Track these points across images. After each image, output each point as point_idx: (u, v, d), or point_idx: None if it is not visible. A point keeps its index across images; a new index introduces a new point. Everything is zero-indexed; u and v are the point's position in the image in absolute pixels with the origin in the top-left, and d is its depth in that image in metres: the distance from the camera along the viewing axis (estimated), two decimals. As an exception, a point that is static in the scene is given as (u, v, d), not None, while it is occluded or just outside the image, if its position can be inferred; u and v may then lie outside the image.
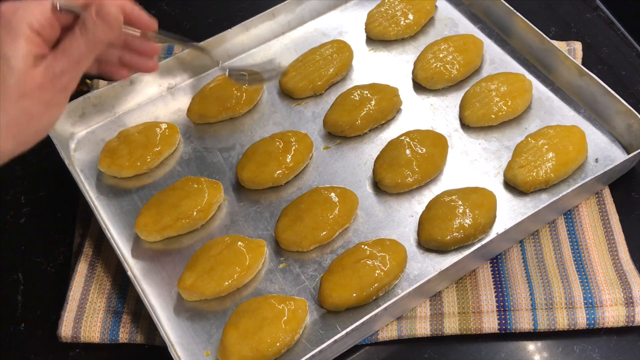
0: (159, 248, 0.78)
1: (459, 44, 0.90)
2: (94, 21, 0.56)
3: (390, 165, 0.79)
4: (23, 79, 0.54)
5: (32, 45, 0.54)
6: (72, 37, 0.56)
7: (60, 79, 0.56)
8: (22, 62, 0.53)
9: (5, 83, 0.53)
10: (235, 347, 0.67)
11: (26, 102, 0.54)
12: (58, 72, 0.55)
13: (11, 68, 0.53)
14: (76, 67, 0.57)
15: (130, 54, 0.66)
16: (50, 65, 0.55)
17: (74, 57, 0.56)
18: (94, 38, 0.56)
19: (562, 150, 0.78)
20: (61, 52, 0.56)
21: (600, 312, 0.69)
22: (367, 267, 0.71)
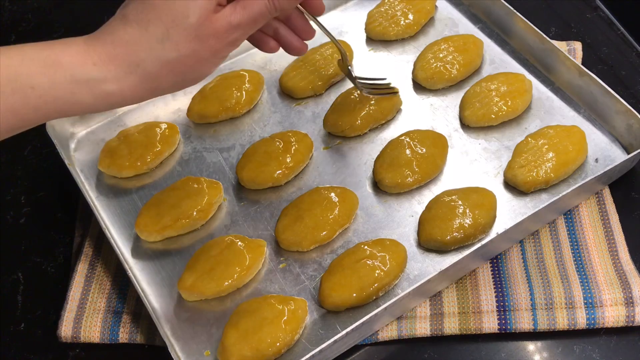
0: (159, 248, 0.78)
1: (459, 44, 0.90)
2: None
3: (391, 165, 0.79)
4: (202, 20, 0.53)
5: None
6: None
7: (235, 31, 0.56)
8: (207, 2, 0.53)
9: (185, 20, 0.53)
10: (235, 347, 0.67)
11: (198, 44, 0.54)
12: (235, 24, 0.55)
13: (196, 5, 0.53)
14: (251, 25, 0.57)
15: (286, 29, 0.66)
16: (229, 15, 0.55)
17: (252, 15, 0.56)
18: (277, 2, 0.57)
19: (562, 150, 0.78)
20: (242, 6, 0.56)
21: (600, 312, 0.69)
22: (367, 267, 0.71)
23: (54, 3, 1.09)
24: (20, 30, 1.06)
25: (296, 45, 0.67)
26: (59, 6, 1.09)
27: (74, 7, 1.08)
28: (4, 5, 1.09)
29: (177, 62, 0.54)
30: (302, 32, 0.67)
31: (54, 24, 1.06)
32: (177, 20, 0.53)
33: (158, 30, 0.53)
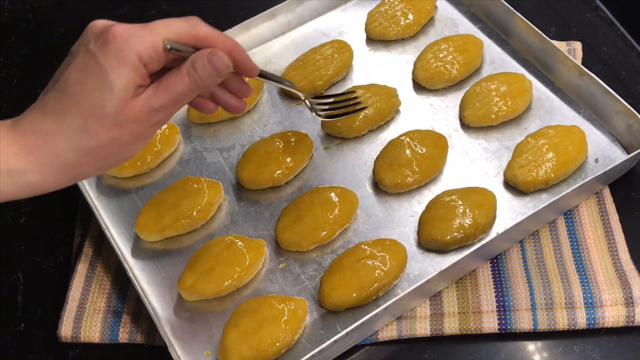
0: (159, 248, 0.78)
1: (459, 44, 0.90)
2: (205, 65, 0.55)
3: (391, 165, 0.79)
4: (121, 108, 0.52)
5: (136, 76, 0.53)
6: (177, 75, 0.55)
7: (156, 114, 0.55)
8: (124, 91, 0.52)
9: (103, 109, 0.52)
10: (235, 347, 0.67)
11: (119, 131, 0.53)
12: (156, 107, 0.54)
13: (113, 95, 0.52)
14: (174, 105, 0.56)
15: (223, 91, 0.64)
16: (149, 99, 0.54)
17: (175, 95, 0.55)
18: (199, 81, 0.55)
19: (562, 150, 0.78)
20: (164, 88, 0.55)
21: (600, 312, 0.69)
22: (367, 267, 0.71)
23: (54, 3, 1.09)
24: (20, 30, 1.06)
25: (235, 105, 0.64)
26: (59, 6, 1.09)
27: (74, 7, 1.09)
28: (4, 5, 1.09)
29: (97, 150, 0.53)
30: (239, 92, 0.64)
31: (54, 24, 1.06)
32: (94, 111, 0.52)
33: (75, 120, 0.52)
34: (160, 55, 0.54)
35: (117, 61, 0.52)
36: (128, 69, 0.52)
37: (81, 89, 0.52)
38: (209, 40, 0.57)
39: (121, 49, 0.52)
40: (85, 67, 0.52)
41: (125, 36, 0.52)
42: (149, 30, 0.54)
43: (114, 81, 0.52)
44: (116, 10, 1.06)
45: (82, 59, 0.53)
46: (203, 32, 0.57)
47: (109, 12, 1.06)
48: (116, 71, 0.52)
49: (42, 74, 0.99)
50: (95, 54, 0.52)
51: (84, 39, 0.54)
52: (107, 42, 0.52)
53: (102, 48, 0.52)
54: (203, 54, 0.56)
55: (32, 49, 1.03)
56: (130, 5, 1.07)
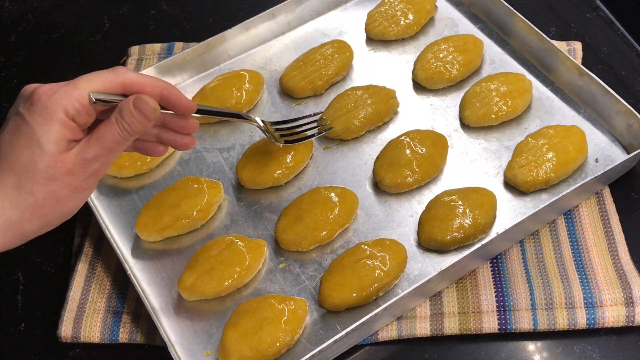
0: (159, 248, 0.78)
1: (459, 44, 0.90)
2: (131, 112, 0.56)
3: (391, 165, 0.79)
4: (53, 163, 0.53)
5: (66, 130, 0.54)
6: (107, 125, 0.56)
7: (91, 165, 0.55)
8: (54, 146, 0.53)
9: (35, 166, 0.53)
10: (235, 347, 0.67)
11: (54, 185, 0.54)
12: (89, 158, 0.55)
13: (43, 151, 0.53)
14: (108, 155, 0.56)
15: (167, 131, 0.64)
16: (82, 151, 0.55)
17: (107, 145, 0.56)
18: (129, 128, 0.56)
19: (562, 150, 0.78)
20: (95, 139, 0.55)
21: (600, 312, 0.69)
22: (367, 267, 0.71)
23: (54, 3, 1.09)
24: (20, 30, 1.06)
25: (183, 142, 0.64)
26: (59, 6, 1.09)
27: (74, 7, 1.08)
28: (4, 5, 1.09)
29: (35, 206, 0.54)
30: (183, 129, 0.64)
31: (54, 24, 1.06)
32: (26, 168, 0.53)
33: (11, 179, 0.53)
34: (87, 109, 0.55)
35: (44, 118, 0.53)
36: (55, 124, 0.53)
37: (12, 149, 0.53)
38: (135, 86, 0.58)
39: (46, 106, 0.53)
40: (16, 129, 0.54)
41: (49, 94, 0.54)
42: (73, 86, 0.55)
43: (42, 137, 0.53)
44: (116, 10, 1.06)
45: (13, 121, 0.54)
46: (130, 79, 0.57)
47: (109, 12, 1.06)
48: (43, 128, 0.53)
49: (42, 74, 1.00)
50: (23, 115, 0.54)
51: (16, 103, 0.56)
52: (33, 102, 0.54)
53: (29, 108, 0.54)
54: (128, 101, 0.56)
55: (32, 49, 1.03)
56: (130, 5, 1.07)
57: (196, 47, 0.92)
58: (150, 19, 1.05)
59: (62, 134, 0.54)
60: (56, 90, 0.54)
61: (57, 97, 0.54)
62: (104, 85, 0.56)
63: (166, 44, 0.98)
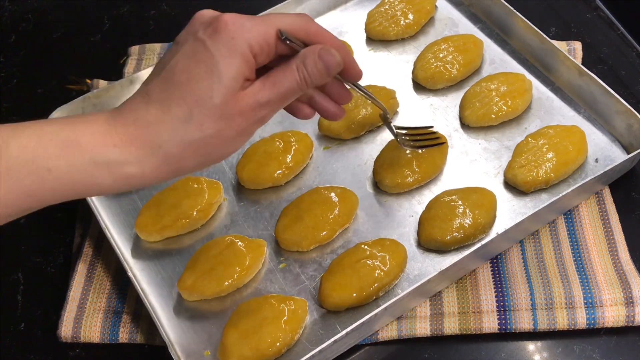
0: (159, 248, 0.78)
1: (459, 44, 0.90)
2: (316, 62, 0.53)
3: (390, 165, 0.79)
4: (228, 99, 0.50)
5: (246, 67, 0.51)
6: (286, 71, 0.53)
7: (262, 109, 0.52)
8: (232, 81, 0.50)
9: (210, 100, 0.50)
10: (235, 347, 0.67)
11: (224, 124, 0.51)
12: (263, 102, 0.52)
13: (221, 85, 0.50)
14: (280, 102, 0.53)
15: (321, 95, 0.60)
16: (257, 92, 0.52)
17: (282, 91, 0.53)
18: (309, 78, 0.53)
19: (562, 150, 0.78)
20: (271, 83, 0.52)
21: (600, 312, 0.69)
22: (367, 267, 0.71)
23: (54, 3, 1.09)
24: (20, 30, 1.06)
25: (333, 111, 0.61)
26: (59, 6, 1.09)
27: (74, 7, 1.08)
28: (4, 5, 1.09)
29: (201, 142, 0.51)
30: (339, 97, 0.61)
31: (54, 24, 1.06)
32: (201, 101, 0.50)
33: (181, 110, 0.50)
34: (270, 47, 0.52)
35: (228, 50, 0.50)
36: (238, 59, 0.50)
37: (189, 77, 0.50)
38: (319, 37, 0.55)
39: (233, 37, 0.50)
40: (193, 55, 0.50)
41: (238, 25, 0.50)
42: (262, 21, 0.52)
43: (224, 71, 0.50)
44: (116, 10, 1.06)
45: (190, 46, 0.51)
46: (314, 28, 0.55)
47: (109, 12, 1.06)
48: (226, 60, 0.50)
49: (42, 74, 1.00)
50: (205, 41, 0.50)
51: (191, 28, 0.52)
52: (218, 30, 0.50)
53: (212, 36, 0.50)
54: (314, 50, 0.53)
55: (32, 49, 1.03)
56: (130, 5, 1.07)
57: (196, 47, 0.92)
58: (150, 19, 1.05)
59: (242, 70, 0.50)
60: (243, 23, 0.51)
61: (245, 30, 0.50)
62: (291, 27, 0.53)
63: (166, 44, 0.98)
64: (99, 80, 0.94)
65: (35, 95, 0.98)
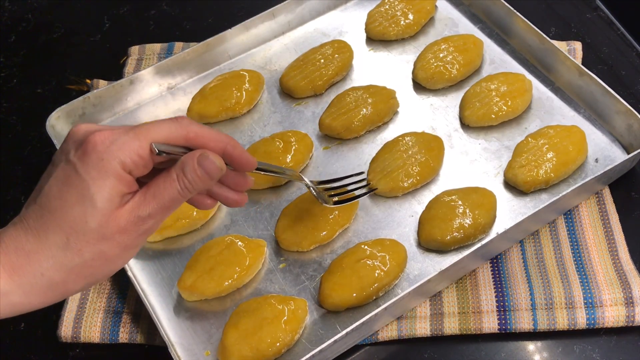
0: (159, 248, 0.78)
1: (459, 44, 0.90)
2: (195, 170, 0.52)
3: (382, 171, 0.79)
4: (106, 221, 0.49)
5: (121, 185, 0.49)
6: (166, 181, 0.51)
7: (145, 222, 0.51)
8: (107, 204, 0.49)
9: (85, 225, 0.49)
10: (235, 347, 0.67)
11: (104, 245, 0.50)
12: (145, 216, 0.51)
13: (95, 209, 0.48)
14: (163, 212, 0.52)
15: (220, 186, 0.58)
16: (136, 208, 0.50)
17: (164, 203, 0.51)
18: (190, 186, 0.52)
19: (562, 150, 0.78)
20: (152, 195, 0.51)
21: (600, 312, 0.69)
22: (367, 267, 0.71)
23: (54, 3, 1.09)
24: (20, 30, 1.06)
25: (234, 199, 0.59)
26: (59, 6, 1.09)
27: (74, 7, 1.08)
28: (4, 5, 1.09)
29: (83, 266, 0.50)
30: (237, 186, 0.59)
31: (54, 24, 1.06)
32: (76, 227, 0.49)
33: (58, 237, 0.49)
34: (146, 161, 0.51)
35: (98, 172, 0.49)
36: (111, 180, 0.49)
37: (61, 203, 0.49)
38: (199, 139, 0.53)
39: (102, 159, 0.49)
40: (65, 180, 0.49)
41: (107, 144, 0.49)
42: (134, 135, 0.50)
43: (96, 194, 0.48)
44: (116, 10, 1.06)
45: (62, 170, 0.50)
46: (194, 132, 0.53)
47: (109, 12, 1.06)
48: (97, 183, 0.49)
49: (42, 74, 1.00)
50: (75, 165, 0.49)
51: (64, 147, 0.51)
52: (86, 152, 0.49)
53: (82, 158, 0.49)
54: (193, 157, 0.52)
55: (32, 49, 1.03)
56: (130, 5, 1.07)
57: (196, 47, 0.92)
58: (150, 19, 1.05)
59: (116, 189, 0.49)
60: (114, 140, 0.49)
61: (115, 149, 0.49)
62: (167, 136, 0.52)
63: (166, 44, 0.98)
64: (99, 80, 0.94)
65: (35, 95, 0.98)
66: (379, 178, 0.79)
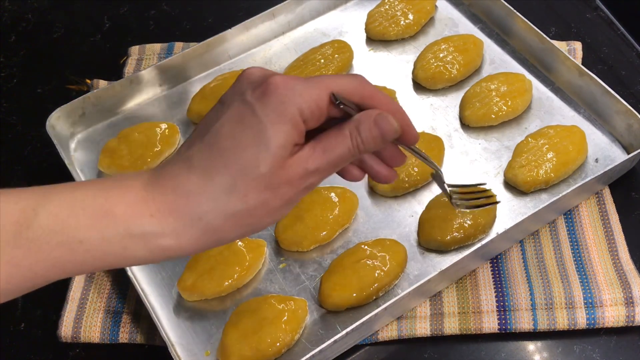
0: (159, 248, 0.78)
1: (459, 44, 0.90)
2: (371, 129, 0.49)
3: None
4: (275, 169, 0.46)
5: (295, 133, 0.47)
6: (338, 136, 0.49)
7: (310, 177, 0.48)
8: (281, 149, 0.46)
9: (256, 170, 0.46)
10: (235, 347, 0.67)
11: (269, 194, 0.47)
12: (312, 169, 0.48)
13: (269, 153, 0.46)
14: (330, 169, 0.49)
15: (373, 158, 0.55)
16: (306, 160, 0.48)
17: (333, 158, 0.48)
18: (362, 145, 0.49)
19: (562, 150, 0.78)
20: (322, 149, 0.48)
21: (600, 312, 0.69)
22: (367, 267, 0.71)
23: (54, 3, 1.09)
24: (20, 30, 1.06)
25: (385, 174, 0.55)
26: (59, 6, 1.09)
27: (74, 7, 1.08)
28: (4, 5, 1.09)
29: (243, 214, 0.47)
30: (391, 160, 0.55)
31: (54, 24, 1.06)
32: (246, 170, 0.46)
33: (224, 180, 0.46)
34: (322, 112, 0.48)
35: (277, 116, 0.46)
36: (288, 126, 0.46)
37: (234, 144, 0.46)
38: (374, 100, 0.51)
39: (283, 102, 0.46)
40: (240, 120, 0.46)
41: (289, 88, 0.47)
42: (314, 84, 0.48)
43: (272, 138, 0.46)
44: (116, 10, 1.06)
45: (237, 109, 0.47)
46: (369, 91, 0.51)
47: (109, 12, 1.06)
48: (275, 127, 0.46)
49: (42, 74, 1.00)
50: (253, 105, 0.46)
51: (238, 87, 0.48)
52: (267, 93, 0.46)
53: (261, 99, 0.46)
54: (370, 116, 0.49)
55: (32, 49, 1.03)
56: (130, 5, 1.07)
57: (196, 47, 0.92)
58: (150, 19, 1.05)
59: (291, 136, 0.47)
60: (294, 86, 0.47)
61: (296, 94, 0.47)
62: (345, 89, 0.49)
63: (166, 44, 0.98)
64: (99, 80, 0.94)
65: (35, 95, 0.98)
66: None
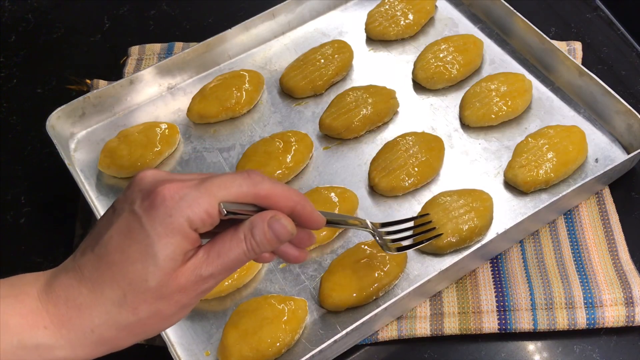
0: (159, 248, 0.78)
1: (459, 44, 0.90)
2: (265, 232, 0.49)
3: (385, 169, 0.79)
4: (166, 281, 0.46)
5: (186, 242, 0.46)
6: (233, 240, 0.49)
7: (204, 282, 0.48)
8: (170, 262, 0.46)
9: (145, 284, 0.46)
10: (235, 347, 0.67)
11: (161, 304, 0.47)
12: (206, 275, 0.48)
13: (157, 268, 0.46)
14: (226, 273, 0.49)
15: None
16: (199, 267, 0.47)
17: (227, 263, 0.48)
18: (257, 248, 0.49)
19: (562, 150, 0.78)
20: (216, 254, 0.48)
21: (600, 312, 0.69)
22: (367, 267, 0.71)
23: (54, 3, 1.09)
24: (20, 30, 1.06)
25: (295, 255, 0.55)
26: (59, 6, 1.09)
27: (74, 7, 1.08)
28: (4, 5, 1.09)
29: (135, 325, 0.48)
30: (300, 243, 0.55)
31: (54, 24, 1.06)
32: (135, 284, 0.46)
33: (114, 293, 0.46)
34: (213, 219, 0.48)
35: (165, 229, 0.46)
36: (176, 238, 0.46)
37: (122, 258, 0.46)
38: (270, 198, 0.50)
39: (170, 215, 0.46)
40: (128, 232, 0.46)
41: (176, 199, 0.46)
42: (204, 192, 0.47)
43: (159, 252, 0.46)
44: (116, 10, 1.06)
45: (125, 220, 0.47)
46: (265, 190, 0.49)
47: (109, 12, 1.06)
48: (163, 240, 0.46)
49: (42, 74, 1.00)
50: (140, 217, 0.46)
51: (129, 194, 0.48)
52: (154, 205, 0.46)
53: (149, 212, 0.46)
54: (264, 219, 0.49)
55: (32, 49, 1.03)
56: (130, 5, 1.07)
57: (196, 47, 0.92)
58: (150, 19, 1.05)
59: (181, 247, 0.46)
60: (183, 196, 0.46)
61: (184, 205, 0.46)
62: (237, 194, 0.48)
63: (166, 44, 0.98)
64: (99, 80, 0.94)
65: (35, 95, 0.98)
66: (381, 176, 0.79)
